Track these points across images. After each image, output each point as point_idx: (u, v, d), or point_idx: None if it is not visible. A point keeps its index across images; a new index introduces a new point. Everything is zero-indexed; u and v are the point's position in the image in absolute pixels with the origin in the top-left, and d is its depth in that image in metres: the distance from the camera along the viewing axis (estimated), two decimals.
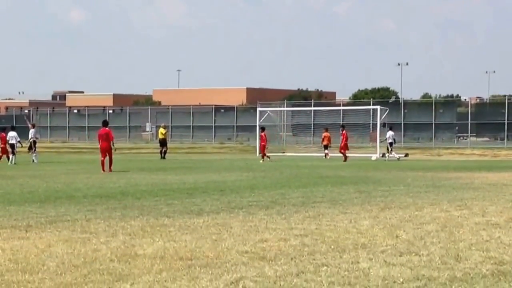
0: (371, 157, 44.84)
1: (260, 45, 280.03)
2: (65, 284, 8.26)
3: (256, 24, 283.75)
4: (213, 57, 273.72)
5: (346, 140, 42.93)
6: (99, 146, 31.09)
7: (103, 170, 29.55)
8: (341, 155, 42.06)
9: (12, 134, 37.68)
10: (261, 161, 40.28)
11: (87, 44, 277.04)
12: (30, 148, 39.09)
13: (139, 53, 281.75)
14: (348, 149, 42.83)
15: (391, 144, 44.96)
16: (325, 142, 46.32)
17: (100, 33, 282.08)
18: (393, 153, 44.72)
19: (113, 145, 30.74)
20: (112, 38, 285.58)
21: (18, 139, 37.69)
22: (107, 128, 30.93)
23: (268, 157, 41.40)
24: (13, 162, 36.09)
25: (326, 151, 45.87)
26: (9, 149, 37.45)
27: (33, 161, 37.36)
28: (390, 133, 45.33)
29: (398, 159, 43.80)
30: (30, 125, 42.10)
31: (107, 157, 30.20)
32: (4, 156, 37.66)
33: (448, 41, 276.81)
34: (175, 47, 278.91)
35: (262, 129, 44.20)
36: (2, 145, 37.95)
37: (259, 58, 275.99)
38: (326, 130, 47.22)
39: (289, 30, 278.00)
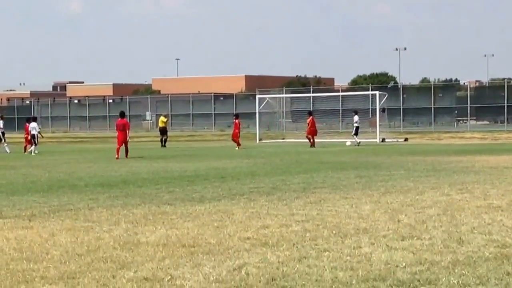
0: (346, 142, 44.97)
1: (258, 32, 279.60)
2: (69, 272, 8.30)
3: (254, 11, 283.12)
4: (211, 45, 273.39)
5: (313, 125, 42.88)
6: (116, 135, 32.08)
7: (118, 156, 30.72)
8: (308, 140, 42.10)
9: (32, 125, 38.12)
10: (236, 148, 39.76)
11: (86, 34, 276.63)
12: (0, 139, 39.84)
13: (138, 43, 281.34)
14: (316, 135, 42.83)
15: (357, 128, 44.85)
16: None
17: (98, 23, 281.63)
18: (355, 137, 44.49)
19: (128, 134, 31.95)
20: (111, 28, 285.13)
21: (38, 130, 38.32)
22: (124, 119, 32.45)
23: (239, 144, 40.61)
24: (34, 151, 36.64)
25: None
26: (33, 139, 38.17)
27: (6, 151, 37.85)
28: (356, 118, 45.23)
29: (358, 144, 43.60)
30: None
31: (123, 146, 31.39)
32: (28, 145, 38.45)
33: (446, 25, 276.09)
34: (173, 35, 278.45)
35: (236, 116, 43.61)
36: (26, 135, 39.25)
37: (258, 46, 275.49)
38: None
39: (286, 17, 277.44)
